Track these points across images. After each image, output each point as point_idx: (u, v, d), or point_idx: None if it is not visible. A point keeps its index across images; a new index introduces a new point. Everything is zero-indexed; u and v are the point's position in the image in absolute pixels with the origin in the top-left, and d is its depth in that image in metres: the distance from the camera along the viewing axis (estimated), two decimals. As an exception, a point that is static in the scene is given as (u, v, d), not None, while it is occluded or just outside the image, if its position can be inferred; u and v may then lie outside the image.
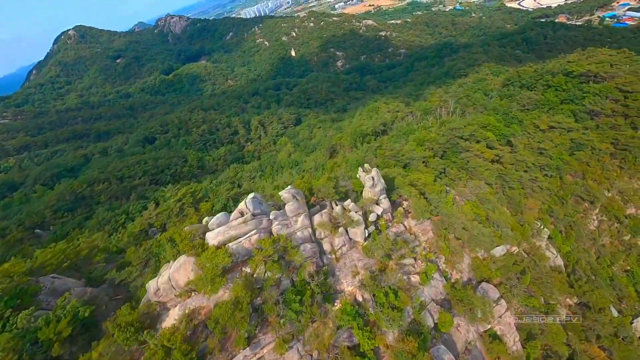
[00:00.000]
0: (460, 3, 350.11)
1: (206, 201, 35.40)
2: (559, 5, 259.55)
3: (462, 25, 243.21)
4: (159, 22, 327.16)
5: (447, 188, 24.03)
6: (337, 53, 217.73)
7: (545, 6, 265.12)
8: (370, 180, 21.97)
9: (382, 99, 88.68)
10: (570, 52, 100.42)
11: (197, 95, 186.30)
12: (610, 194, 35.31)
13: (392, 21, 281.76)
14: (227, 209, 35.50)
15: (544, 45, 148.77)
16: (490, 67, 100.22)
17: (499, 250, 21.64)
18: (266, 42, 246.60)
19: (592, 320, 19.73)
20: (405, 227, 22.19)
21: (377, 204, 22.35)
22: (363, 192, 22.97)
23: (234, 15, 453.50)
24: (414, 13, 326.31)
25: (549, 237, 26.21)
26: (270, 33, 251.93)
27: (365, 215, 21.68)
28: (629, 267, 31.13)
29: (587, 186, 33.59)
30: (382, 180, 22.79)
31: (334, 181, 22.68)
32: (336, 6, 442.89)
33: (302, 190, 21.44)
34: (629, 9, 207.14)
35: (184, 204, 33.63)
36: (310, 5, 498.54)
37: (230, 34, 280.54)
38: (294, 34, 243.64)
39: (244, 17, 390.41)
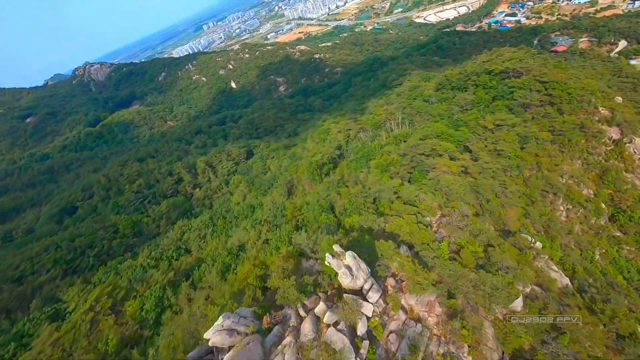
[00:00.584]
0: (377, 23, 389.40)
1: (134, 298, 25.78)
2: (454, 17, 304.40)
3: (384, 41, 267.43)
4: (77, 72, 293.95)
5: (436, 232, 19.69)
6: (278, 79, 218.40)
7: (445, 19, 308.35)
8: (347, 271, 15.78)
9: (330, 118, 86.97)
10: (478, 53, 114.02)
11: (132, 145, 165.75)
12: (564, 180, 35.96)
13: (323, 44, 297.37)
14: (166, 300, 26.41)
15: (455, 50, 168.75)
16: (420, 74, 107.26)
17: (519, 303, 17.50)
18: (203, 78, 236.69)
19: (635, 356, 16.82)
20: (405, 310, 16.73)
21: (364, 296, 15.86)
22: (339, 279, 16.51)
23: (165, 56, 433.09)
24: (340, 35, 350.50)
25: (543, 248, 23.94)
26: (206, 68, 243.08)
27: (350, 329, 14.81)
28: (604, 250, 31.02)
29: (546, 177, 33.44)
30: (363, 265, 16.43)
31: (295, 259, 16.36)
32: (268, 36, 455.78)
33: (250, 307, 14.19)
34: (505, 15, 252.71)
35: (97, 313, 23.60)
36: (243, 38, 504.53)
37: (163, 74, 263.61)
38: (230, 66, 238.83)
39: (176, 56, 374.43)
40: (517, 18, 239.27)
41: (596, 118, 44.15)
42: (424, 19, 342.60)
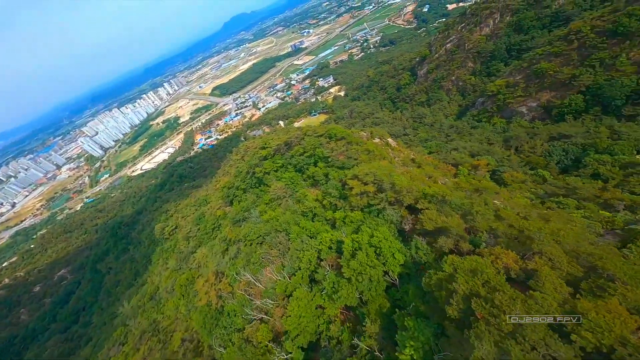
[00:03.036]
0: (87, 197, 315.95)
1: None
2: (169, 156, 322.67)
3: (113, 205, 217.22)
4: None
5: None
6: None
7: (162, 161, 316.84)
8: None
9: None
10: (219, 164, 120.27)
11: None
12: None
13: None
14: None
15: (198, 170, 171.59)
16: (188, 204, 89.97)
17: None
18: None
19: None
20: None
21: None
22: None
23: None
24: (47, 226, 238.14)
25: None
26: None
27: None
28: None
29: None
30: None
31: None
32: None
33: None
34: (206, 139, 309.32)
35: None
36: None
37: None
38: None
39: None
40: (214, 137, 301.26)
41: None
42: (141, 169, 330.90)
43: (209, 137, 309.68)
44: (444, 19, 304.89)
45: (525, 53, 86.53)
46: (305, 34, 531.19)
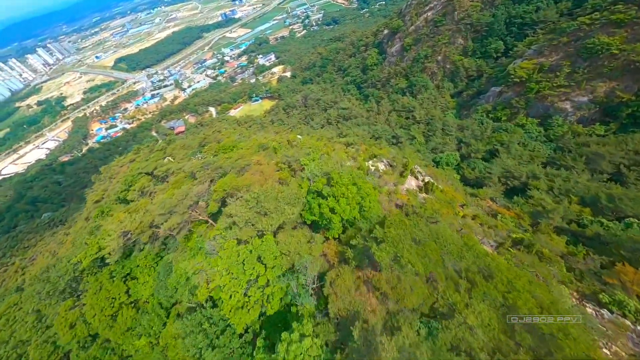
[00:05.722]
0: None
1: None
2: (49, 153, 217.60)
3: None
4: None
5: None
6: None
7: (34, 161, 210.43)
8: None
9: None
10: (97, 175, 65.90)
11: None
12: None
13: None
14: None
15: (68, 187, 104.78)
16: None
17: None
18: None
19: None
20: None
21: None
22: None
23: None
24: None
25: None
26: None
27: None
28: None
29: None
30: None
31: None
32: None
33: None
34: (107, 129, 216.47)
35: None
36: None
37: None
38: None
39: None
40: (120, 127, 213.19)
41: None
42: (0, 175, 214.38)
43: (112, 126, 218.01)
44: (383, 2, 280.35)
45: (528, 28, 63.20)
46: (237, 2, 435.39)
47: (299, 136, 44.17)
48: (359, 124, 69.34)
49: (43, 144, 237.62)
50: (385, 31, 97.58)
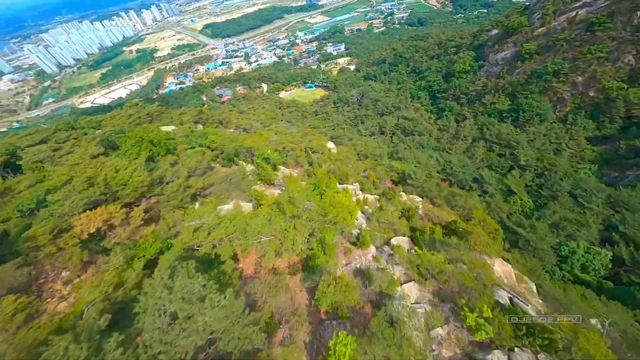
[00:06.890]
0: (17, 122, 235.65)
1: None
2: (128, 94, 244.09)
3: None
4: None
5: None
6: None
7: (117, 98, 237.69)
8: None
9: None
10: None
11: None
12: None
13: None
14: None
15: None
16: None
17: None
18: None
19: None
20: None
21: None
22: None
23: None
24: None
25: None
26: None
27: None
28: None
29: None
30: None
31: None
32: None
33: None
34: (177, 84, 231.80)
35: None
36: None
37: None
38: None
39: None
40: (187, 84, 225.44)
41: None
42: (92, 103, 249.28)
43: (181, 82, 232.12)
44: (485, 10, 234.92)
45: None
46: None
47: (330, 144, 26.84)
48: (424, 144, 48.35)
49: (129, 85, 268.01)
50: (494, 31, 70.89)
